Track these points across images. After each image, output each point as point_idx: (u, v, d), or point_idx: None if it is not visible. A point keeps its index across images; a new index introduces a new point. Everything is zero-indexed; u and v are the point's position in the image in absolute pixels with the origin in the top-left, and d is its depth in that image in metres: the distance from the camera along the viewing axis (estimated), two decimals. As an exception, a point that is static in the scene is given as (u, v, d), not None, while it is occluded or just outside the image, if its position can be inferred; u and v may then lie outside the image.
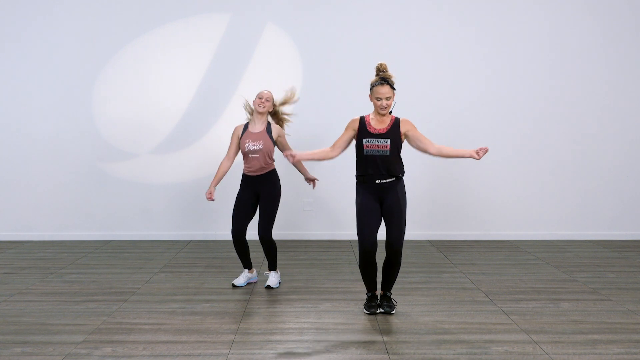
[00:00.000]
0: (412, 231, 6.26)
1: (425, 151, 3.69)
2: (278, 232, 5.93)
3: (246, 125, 4.36)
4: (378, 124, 3.66)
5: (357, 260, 3.81)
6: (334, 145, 3.77)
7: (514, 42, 6.21)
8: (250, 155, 4.26)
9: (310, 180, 4.57)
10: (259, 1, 6.18)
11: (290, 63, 6.21)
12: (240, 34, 6.18)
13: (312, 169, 6.15)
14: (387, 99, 3.59)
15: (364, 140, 3.62)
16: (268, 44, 6.19)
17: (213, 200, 4.41)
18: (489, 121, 6.23)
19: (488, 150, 3.61)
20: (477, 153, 3.56)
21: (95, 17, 6.16)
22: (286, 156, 3.70)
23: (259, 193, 4.32)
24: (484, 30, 6.21)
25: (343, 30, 6.18)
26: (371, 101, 3.67)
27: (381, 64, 3.65)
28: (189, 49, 6.19)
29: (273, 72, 6.13)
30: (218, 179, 4.39)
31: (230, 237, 5.95)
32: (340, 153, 3.78)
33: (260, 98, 4.29)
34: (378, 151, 3.59)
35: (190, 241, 6.23)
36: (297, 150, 3.82)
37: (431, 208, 6.29)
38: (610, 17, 6.21)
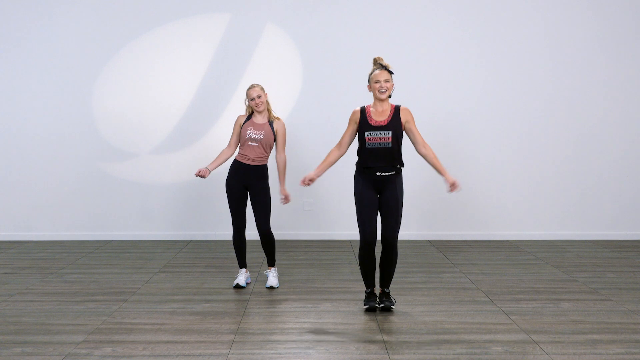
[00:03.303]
0: (412, 231, 6.26)
1: (414, 145, 3.75)
2: (278, 232, 5.91)
3: (250, 116, 4.38)
4: (379, 116, 3.67)
5: (357, 255, 3.82)
6: (340, 143, 3.81)
7: (514, 42, 6.21)
8: (249, 144, 4.28)
9: (284, 196, 4.37)
10: (259, 1, 6.18)
11: (290, 63, 6.21)
12: (240, 34, 6.18)
13: (316, 166, 6.16)
14: (386, 81, 3.64)
15: (366, 134, 3.65)
16: (268, 44, 6.19)
17: (202, 176, 4.28)
18: (489, 121, 6.23)
19: (456, 188, 3.67)
20: (454, 184, 3.65)
21: (95, 17, 6.16)
22: (303, 183, 3.73)
23: (247, 185, 4.32)
24: (484, 30, 6.21)
25: (343, 30, 6.18)
26: (370, 91, 3.71)
27: (377, 57, 3.74)
28: (189, 49, 6.19)
29: (273, 72, 6.13)
30: (216, 164, 4.39)
31: (230, 237, 5.95)
32: (347, 149, 3.83)
33: (252, 100, 4.28)
34: (380, 144, 3.62)
35: (190, 241, 6.23)
36: (309, 173, 3.78)
37: (431, 208, 6.29)
38: (611, 18, 6.21)
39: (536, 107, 6.24)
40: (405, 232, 6.10)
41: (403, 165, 3.73)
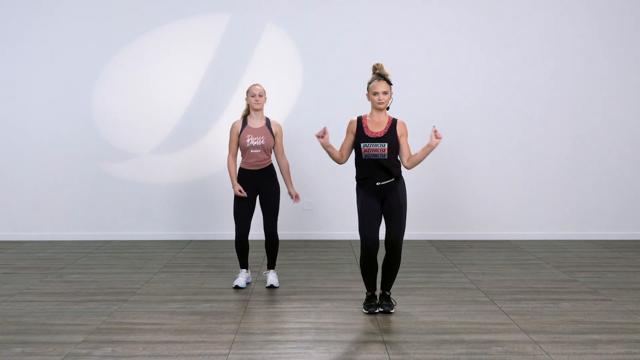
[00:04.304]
0: (412, 231, 6.25)
1: (400, 157, 3.75)
2: (278, 232, 5.92)
3: (244, 121, 4.37)
4: (375, 127, 3.68)
5: (358, 259, 3.82)
6: (340, 152, 3.81)
7: (514, 42, 6.21)
8: (251, 151, 4.29)
9: (294, 195, 4.43)
10: (259, 1, 6.18)
11: (290, 63, 6.21)
12: (240, 34, 6.18)
13: (316, 166, 6.17)
14: (384, 93, 3.63)
15: (362, 145, 3.65)
16: (268, 44, 6.19)
17: (245, 194, 4.28)
18: (489, 121, 6.23)
19: (437, 133, 3.57)
20: (435, 135, 3.55)
21: (95, 17, 6.16)
22: (319, 135, 3.64)
23: (258, 188, 4.34)
24: (484, 30, 6.20)
25: (343, 30, 6.18)
26: (369, 100, 3.71)
27: (377, 64, 3.72)
28: (189, 49, 6.19)
29: (273, 72, 6.13)
30: (235, 175, 4.36)
31: (231, 237, 5.95)
32: (348, 158, 3.84)
33: (253, 96, 4.29)
34: (376, 155, 3.62)
35: (190, 241, 6.23)
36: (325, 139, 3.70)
37: (431, 208, 6.29)
38: (610, 18, 6.21)
39: (536, 107, 6.24)
40: (405, 232, 6.07)
41: (400, 175, 3.72)
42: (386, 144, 3.62)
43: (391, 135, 3.65)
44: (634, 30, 6.23)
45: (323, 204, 6.30)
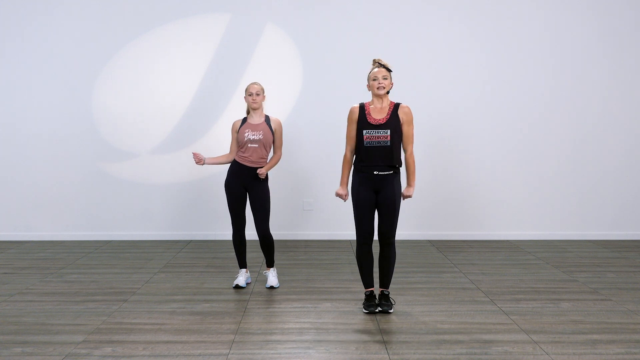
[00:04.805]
0: (412, 231, 6.27)
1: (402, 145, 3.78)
2: (278, 232, 5.94)
3: (244, 119, 4.39)
4: (378, 114, 3.68)
5: (355, 252, 3.84)
6: (350, 145, 3.78)
7: (514, 42, 6.21)
8: (249, 145, 4.28)
9: (260, 173, 4.28)
10: (259, 1, 6.18)
11: (290, 63, 6.21)
12: (240, 34, 6.18)
13: (316, 166, 6.18)
14: (384, 78, 3.65)
15: (364, 132, 3.65)
16: (268, 44, 6.19)
17: (197, 160, 4.30)
18: (489, 121, 6.23)
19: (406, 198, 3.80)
20: (405, 195, 3.76)
21: (96, 17, 6.16)
22: (338, 196, 3.81)
23: (246, 186, 4.33)
24: (484, 30, 6.21)
25: (343, 30, 6.18)
26: (369, 89, 3.72)
27: (377, 58, 3.79)
28: (189, 49, 6.19)
29: (273, 72, 6.14)
30: (214, 162, 4.41)
31: (230, 237, 5.96)
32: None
33: (250, 95, 4.30)
34: (379, 142, 3.62)
35: (190, 241, 6.23)
36: (338, 189, 3.84)
37: (431, 208, 6.29)
38: (611, 18, 6.21)
39: (536, 106, 6.24)
40: (405, 232, 6.12)
41: (401, 165, 3.73)
42: (389, 131, 3.62)
43: (394, 121, 3.65)
44: (634, 30, 6.23)
45: (323, 204, 6.30)
